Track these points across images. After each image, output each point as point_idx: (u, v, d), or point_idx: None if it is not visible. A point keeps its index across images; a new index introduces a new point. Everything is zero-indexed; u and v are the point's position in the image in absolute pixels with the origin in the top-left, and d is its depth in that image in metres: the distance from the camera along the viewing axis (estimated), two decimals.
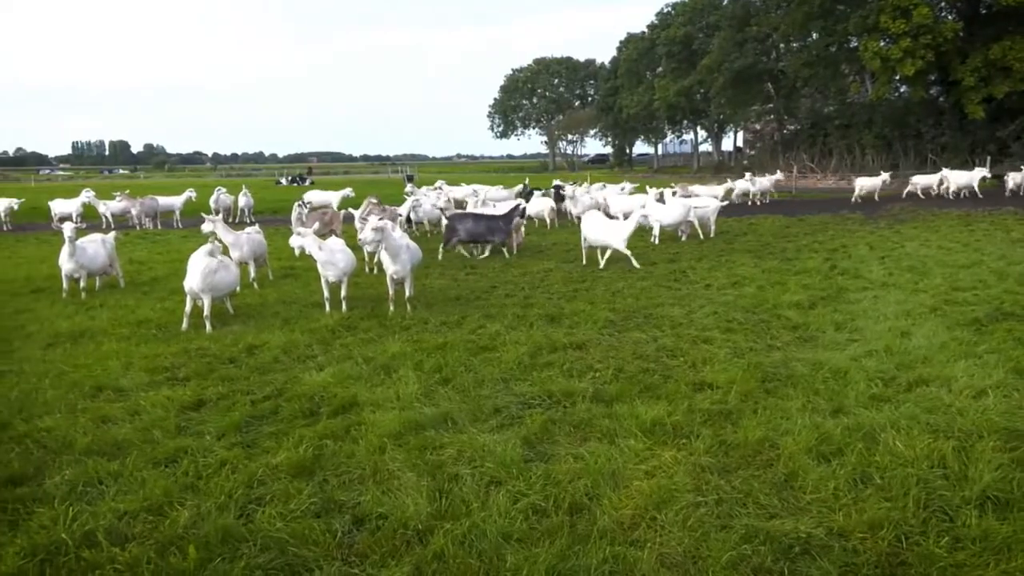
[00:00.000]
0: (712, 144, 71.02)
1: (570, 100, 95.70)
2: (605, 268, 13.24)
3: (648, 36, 66.10)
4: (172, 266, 13.80)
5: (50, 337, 8.76)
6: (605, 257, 13.61)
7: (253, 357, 7.75)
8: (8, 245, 18.99)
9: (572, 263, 14.09)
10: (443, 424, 5.67)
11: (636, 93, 67.18)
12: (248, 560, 3.85)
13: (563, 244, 17.00)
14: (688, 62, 58.39)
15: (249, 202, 25.54)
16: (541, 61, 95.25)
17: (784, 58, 49.26)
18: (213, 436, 5.57)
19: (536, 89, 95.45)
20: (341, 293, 9.81)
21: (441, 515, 4.31)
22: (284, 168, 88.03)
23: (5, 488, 4.75)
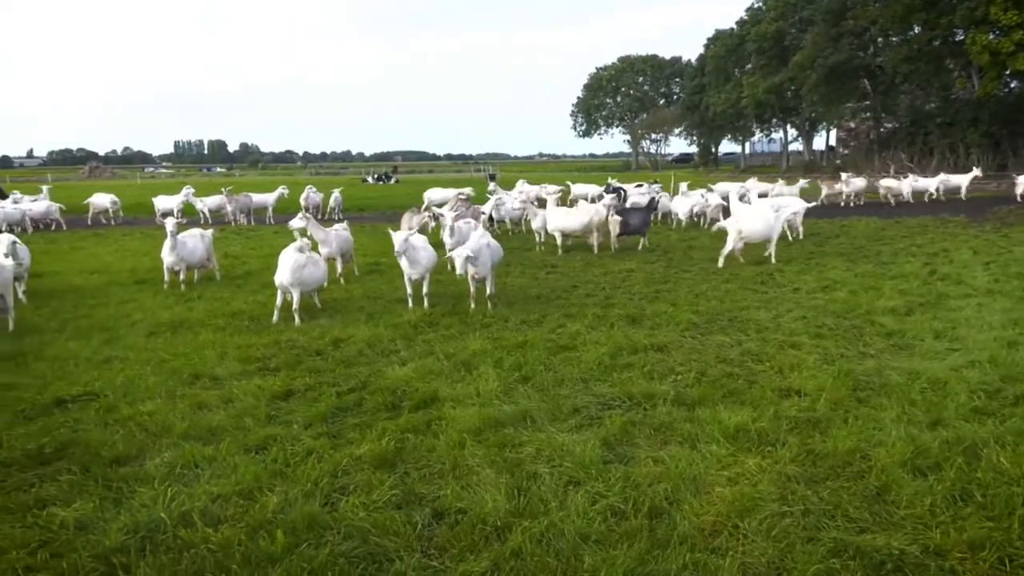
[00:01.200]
0: (802, 143, 68.71)
1: (654, 98, 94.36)
2: (687, 272, 12.99)
3: (737, 32, 64.50)
4: (264, 261, 14.34)
5: (152, 326, 9.25)
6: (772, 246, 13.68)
7: (339, 350, 7.97)
8: (115, 239, 20.16)
9: (654, 263, 13.90)
10: (522, 422, 5.69)
11: (723, 91, 65.67)
12: (332, 547, 3.96)
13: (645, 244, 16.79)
14: (779, 58, 56.64)
15: (339, 200, 26.20)
16: (626, 59, 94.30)
17: (882, 53, 47.11)
18: (301, 425, 5.77)
19: (620, 87, 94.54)
20: (423, 290, 9.98)
21: (519, 512, 4.32)
22: (370, 167, 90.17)
23: (110, 467, 5.05)
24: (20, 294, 10.85)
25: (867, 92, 49.56)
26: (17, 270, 10.31)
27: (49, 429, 5.73)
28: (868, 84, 48.87)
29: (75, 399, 6.45)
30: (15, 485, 4.84)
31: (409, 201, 32.47)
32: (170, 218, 11.97)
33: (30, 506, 4.52)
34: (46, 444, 5.41)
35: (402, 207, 30.23)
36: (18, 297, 10.64)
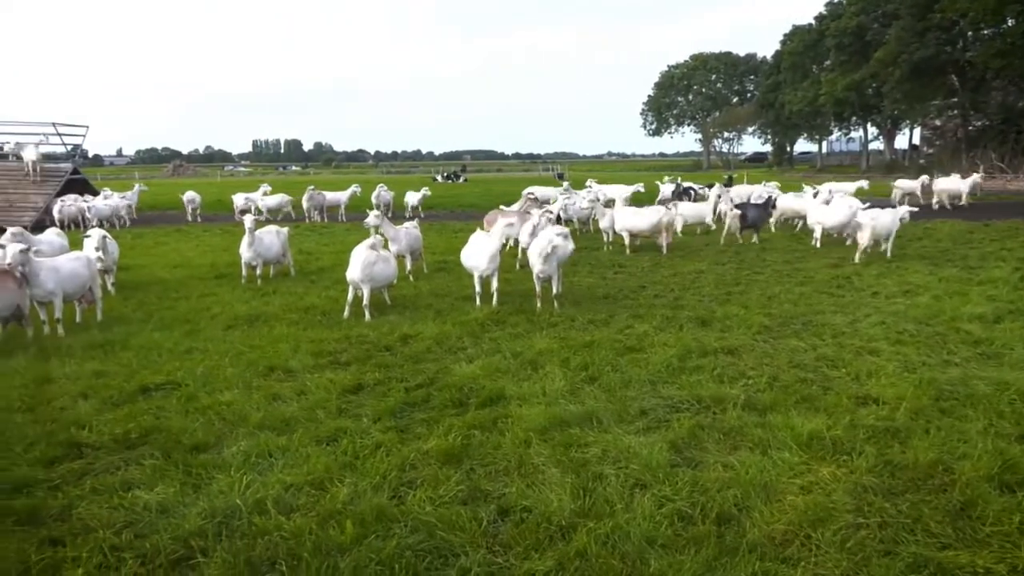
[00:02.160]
0: (884, 142, 66.17)
1: (728, 96, 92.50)
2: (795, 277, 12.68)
3: (816, 28, 62.57)
4: (337, 257, 14.68)
5: (230, 319, 9.58)
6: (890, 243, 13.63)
7: (407, 346, 8.10)
8: (196, 235, 20.97)
9: (725, 265, 13.62)
10: (588, 422, 5.66)
11: (800, 88, 63.82)
12: (400, 540, 4.03)
13: (716, 245, 16.48)
14: (860, 54, 54.61)
15: (417, 199, 26.47)
16: (698, 57, 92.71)
17: (972, 48, 44.87)
18: (370, 419, 5.88)
19: (692, 85, 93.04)
20: (492, 286, 10.04)
21: (584, 513, 4.30)
22: (439, 166, 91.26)
23: (190, 454, 5.25)
24: (109, 286, 11.40)
25: (955, 88, 47.29)
26: (105, 263, 10.84)
27: (134, 415, 6.00)
28: (956, 80, 46.64)
29: (158, 387, 6.74)
30: (103, 468, 5.09)
31: (477, 200, 32.76)
32: (248, 215, 12.38)
33: (116, 488, 4.74)
34: (131, 430, 5.67)
35: (470, 206, 30.53)
36: (107, 289, 11.19)
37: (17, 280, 8.23)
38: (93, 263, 9.74)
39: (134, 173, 73.85)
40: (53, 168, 26.64)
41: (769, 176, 43.06)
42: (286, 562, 3.86)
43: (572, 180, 35.42)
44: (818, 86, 59.97)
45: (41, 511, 4.45)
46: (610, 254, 15.27)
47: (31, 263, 8.44)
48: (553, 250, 9.51)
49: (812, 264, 13.38)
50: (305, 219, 24.62)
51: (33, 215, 23.02)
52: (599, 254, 15.31)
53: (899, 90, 48.61)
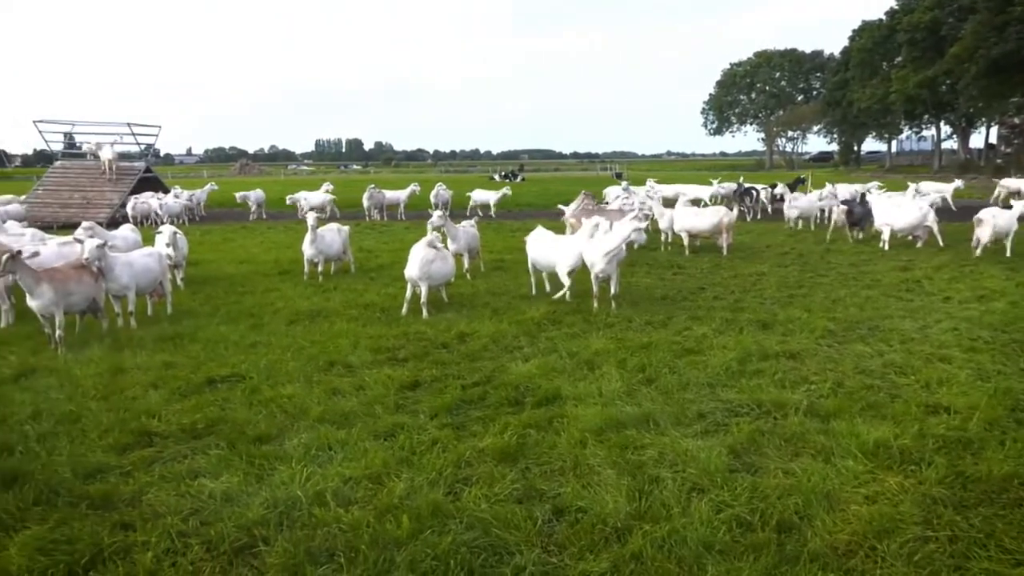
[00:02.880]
0: (958, 141, 63.61)
1: (792, 94, 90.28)
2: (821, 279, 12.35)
3: (887, 23, 60.53)
4: (396, 255, 14.88)
5: (292, 314, 9.81)
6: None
7: (464, 344, 8.15)
8: (261, 232, 21.54)
9: (788, 267, 13.31)
10: (645, 424, 5.60)
11: (869, 86, 61.83)
12: (455, 536, 4.06)
13: (778, 247, 16.12)
14: (934, 50, 52.59)
15: (496, 198, 26.57)
16: (762, 54, 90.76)
17: None
18: (427, 415, 5.94)
19: (755, 83, 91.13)
20: (567, 283, 9.96)
21: (640, 516, 4.26)
22: (497, 165, 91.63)
23: (253, 445, 5.40)
24: (179, 281, 11.80)
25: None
26: (176, 258, 11.22)
27: (201, 406, 6.20)
28: None
29: (224, 380, 6.95)
30: (171, 456, 5.27)
31: (534, 199, 32.76)
32: (311, 213, 12.64)
33: (184, 476, 4.90)
34: (198, 420, 5.85)
35: (528, 205, 30.56)
36: (177, 283, 11.58)
37: (94, 274, 8.59)
38: (164, 258, 10.09)
39: (203, 172, 76.24)
40: (127, 167, 27.71)
41: (836, 176, 41.90)
42: (344, 554, 3.93)
43: (630, 179, 35.10)
44: (888, 83, 57.98)
45: (113, 496, 4.63)
46: (668, 255, 15.08)
47: (106, 257, 8.80)
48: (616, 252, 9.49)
49: (880, 267, 12.96)
50: (365, 217, 25.02)
51: (109, 212, 24.00)
52: (657, 254, 15.14)
53: (975, 87, 46.63)
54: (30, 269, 7.87)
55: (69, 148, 30.20)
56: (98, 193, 25.81)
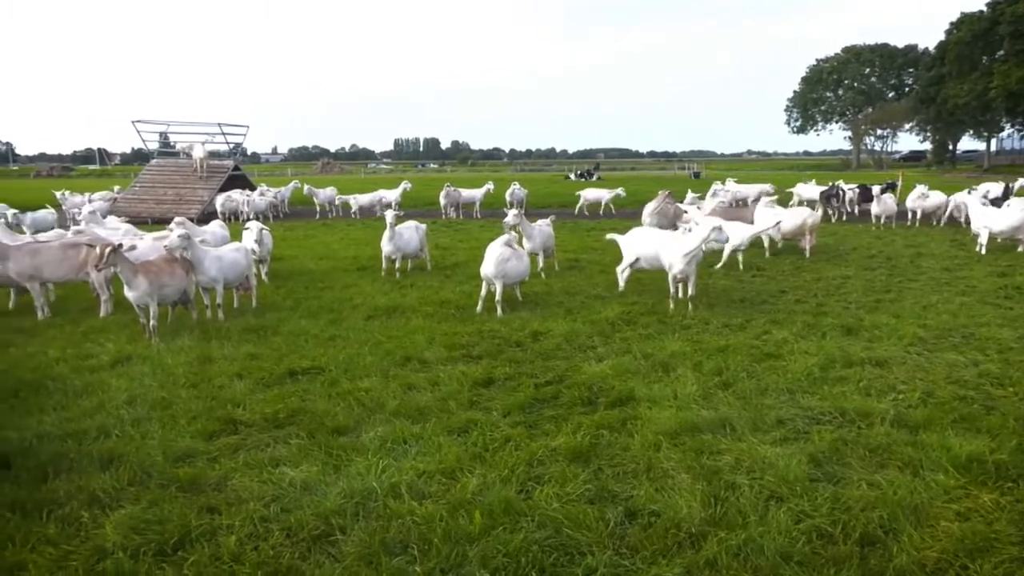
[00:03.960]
0: None
1: (882, 91, 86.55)
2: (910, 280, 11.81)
3: (988, 15, 57.34)
4: (471, 253, 15.02)
5: (370, 310, 10.02)
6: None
7: (538, 343, 8.16)
8: (341, 229, 22.09)
9: (875, 271, 12.78)
10: (721, 429, 5.48)
11: (967, 81, 58.74)
12: (527, 534, 4.07)
13: (864, 249, 15.51)
14: None
15: (609, 197, 26.47)
16: (851, 49, 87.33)
17: None
18: (500, 413, 5.98)
19: (843, 80, 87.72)
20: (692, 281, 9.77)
21: (715, 522, 4.18)
22: (573, 164, 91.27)
23: (331, 436, 5.54)
24: (263, 275, 12.23)
25: None
26: (261, 253, 11.64)
27: (283, 397, 6.40)
28: None
29: (304, 372, 7.16)
30: (254, 444, 5.47)
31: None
32: (389, 211, 12.89)
33: (266, 464, 5.08)
34: (280, 410, 6.05)
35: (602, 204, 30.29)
36: (262, 278, 12.01)
37: (185, 267, 8.99)
38: (250, 253, 10.47)
39: (287, 170, 78.74)
40: (217, 165, 28.90)
41: (927, 178, 40.04)
42: (418, 546, 3.99)
43: (707, 178, 34.41)
44: (988, 78, 54.95)
45: (201, 480, 4.84)
46: (748, 256, 14.70)
47: (196, 249, 9.19)
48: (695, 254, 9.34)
49: (975, 272, 12.31)
50: (441, 215, 25.33)
51: (199, 208, 25.08)
52: (735, 256, 14.77)
53: None
54: (128, 262, 8.30)
55: (164, 147, 31.72)
56: (190, 190, 27.01)
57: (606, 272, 12.97)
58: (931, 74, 67.82)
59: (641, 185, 37.69)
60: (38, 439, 5.47)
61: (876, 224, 19.55)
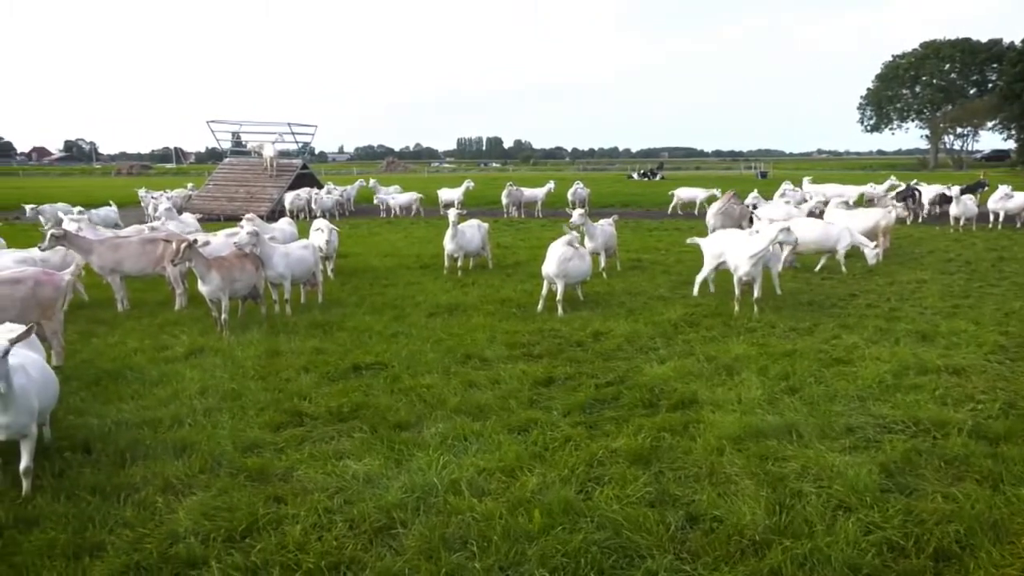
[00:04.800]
0: None
1: (963, 88, 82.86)
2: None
3: None
4: (532, 252, 15.04)
5: (432, 307, 10.13)
6: None
7: (599, 343, 8.11)
8: (403, 227, 22.41)
9: (954, 275, 12.26)
10: (787, 435, 5.35)
11: None
12: (586, 535, 4.05)
13: (942, 252, 14.90)
14: None
15: (697, 196, 26.16)
16: (929, 44, 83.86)
17: None
18: (560, 412, 5.96)
19: (920, 76, 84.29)
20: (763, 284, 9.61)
21: (780, 530, 4.07)
22: (636, 163, 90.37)
23: (394, 431, 5.63)
24: (329, 272, 12.49)
25: None
26: (327, 251, 11.90)
27: (347, 391, 6.53)
28: None
29: (368, 367, 7.29)
30: (319, 436, 5.60)
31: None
32: (452, 209, 13.00)
33: (330, 456, 5.19)
34: (344, 404, 6.17)
35: (666, 204, 29.94)
36: (327, 274, 12.27)
37: (255, 263, 9.26)
38: (317, 250, 10.72)
39: (352, 169, 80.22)
40: (286, 163, 29.65)
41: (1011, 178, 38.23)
42: (477, 543, 4.02)
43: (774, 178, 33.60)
44: None
45: (268, 470, 4.98)
46: (815, 259, 14.29)
47: (265, 246, 9.46)
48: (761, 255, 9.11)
49: None
50: (503, 214, 25.43)
51: (269, 205, 25.77)
52: (804, 257, 14.38)
53: None
54: (203, 257, 8.59)
55: (236, 146, 32.73)
56: (260, 188, 27.79)
57: (669, 273, 12.83)
58: (1016, 70, 64.55)
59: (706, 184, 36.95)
60: (117, 426, 5.71)
61: (955, 226, 18.79)
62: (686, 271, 12.50)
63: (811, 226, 12.83)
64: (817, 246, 12.56)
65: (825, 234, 12.51)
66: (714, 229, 15.00)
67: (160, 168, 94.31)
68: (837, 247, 12.41)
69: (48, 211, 19.16)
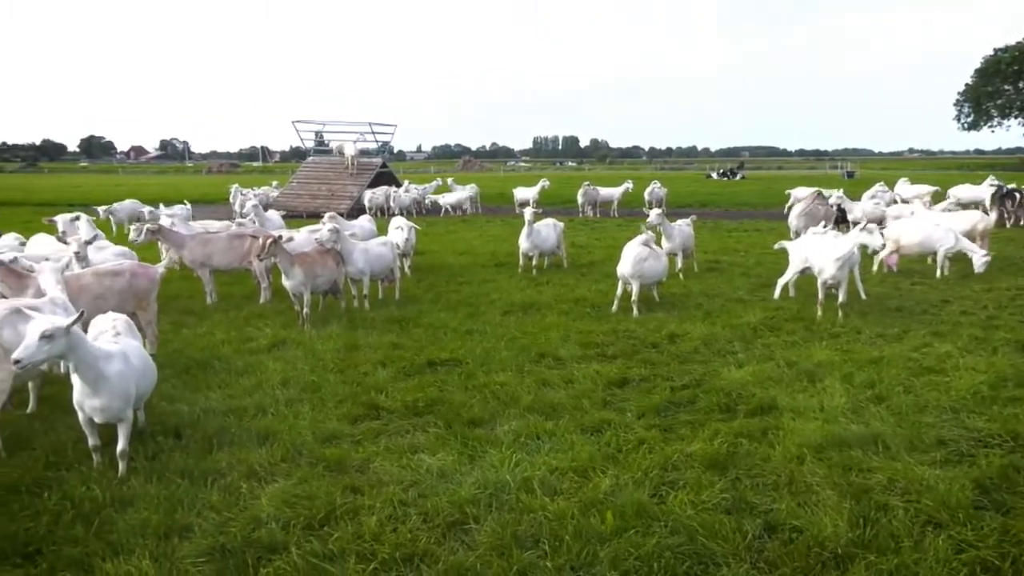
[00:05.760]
0: None
1: None
2: None
3: None
4: (607, 252, 14.91)
5: (507, 306, 10.17)
6: None
7: (674, 345, 7.99)
8: (479, 225, 22.58)
9: None
10: (872, 446, 5.14)
11: None
12: (659, 539, 3.99)
13: None
14: None
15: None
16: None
17: None
18: (634, 414, 5.90)
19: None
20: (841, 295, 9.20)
21: (864, 544, 3.92)
22: (715, 163, 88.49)
23: (467, 427, 5.68)
24: (406, 268, 12.71)
25: None
26: (404, 248, 12.11)
27: (422, 386, 6.63)
28: None
29: (443, 363, 7.38)
30: (395, 430, 5.71)
31: (753, 198, 31.33)
32: (528, 208, 13.03)
33: (405, 450, 5.28)
34: (419, 399, 6.27)
35: (744, 204, 29.27)
36: (404, 271, 12.49)
37: (336, 259, 9.51)
38: (395, 247, 10.93)
39: (430, 167, 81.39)
40: (366, 162, 30.32)
41: None
42: (548, 542, 4.01)
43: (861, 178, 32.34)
44: None
45: (345, 461, 5.10)
46: (907, 261, 13.67)
47: (345, 242, 9.71)
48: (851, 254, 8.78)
49: None
50: (579, 213, 25.33)
51: (349, 203, 26.42)
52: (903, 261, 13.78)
53: None
54: (287, 253, 8.88)
55: (319, 145, 33.67)
56: (341, 186, 28.52)
57: (748, 275, 12.51)
58: None
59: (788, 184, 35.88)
60: (205, 413, 5.96)
61: None
62: (766, 273, 12.17)
63: (915, 227, 12.29)
64: (921, 248, 12.03)
65: (928, 236, 11.96)
66: (796, 231, 14.57)
67: (247, 166, 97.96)
68: (938, 249, 11.84)
69: (120, 210, 19.87)
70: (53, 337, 4.43)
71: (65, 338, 4.49)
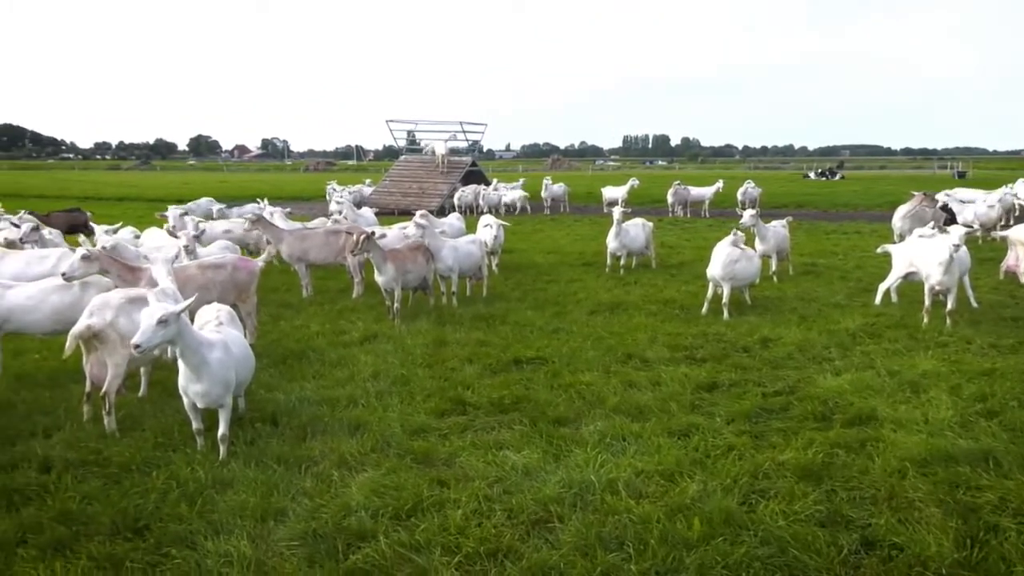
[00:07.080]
0: None
1: None
2: None
3: None
4: (697, 252, 14.61)
5: (593, 305, 10.12)
6: None
7: (767, 350, 7.75)
8: (567, 224, 22.53)
9: None
10: (983, 463, 4.84)
11: None
12: (748, 549, 3.88)
13: None
14: None
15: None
16: None
17: None
18: (723, 419, 5.76)
19: None
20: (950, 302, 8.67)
21: (971, 566, 3.71)
22: (812, 162, 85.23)
23: (552, 426, 5.68)
24: (494, 266, 12.82)
25: None
26: (493, 246, 12.21)
27: (508, 384, 6.68)
28: None
29: (529, 361, 7.41)
30: (480, 426, 5.77)
31: (854, 199, 30.06)
32: (616, 207, 12.92)
33: (490, 446, 5.33)
34: (505, 396, 6.31)
35: (844, 205, 28.10)
36: (492, 269, 12.60)
37: (426, 256, 9.69)
38: (483, 245, 11.04)
39: (518, 166, 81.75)
40: (457, 161, 30.76)
41: None
42: (633, 545, 3.97)
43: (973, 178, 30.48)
44: None
45: (432, 455, 5.20)
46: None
47: (435, 239, 9.88)
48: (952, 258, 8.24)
49: None
50: (668, 213, 24.93)
51: (439, 201, 26.87)
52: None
53: None
54: (379, 249, 9.11)
55: (411, 144, 34.39)
56: (431, 184, 29.04)
57: (846, 279, 12.02)
58: None
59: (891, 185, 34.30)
60: (299, 402, 6.19)
61: None
62: (866, 277, 11.66)
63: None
64: None
65: None
66: (900, 233, 13.88)
67: (342, 165, 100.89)
68: None
69: (195, 209, 20.47)
70: (167, 322, 4.70)
71: (176, 323, 4.76)
